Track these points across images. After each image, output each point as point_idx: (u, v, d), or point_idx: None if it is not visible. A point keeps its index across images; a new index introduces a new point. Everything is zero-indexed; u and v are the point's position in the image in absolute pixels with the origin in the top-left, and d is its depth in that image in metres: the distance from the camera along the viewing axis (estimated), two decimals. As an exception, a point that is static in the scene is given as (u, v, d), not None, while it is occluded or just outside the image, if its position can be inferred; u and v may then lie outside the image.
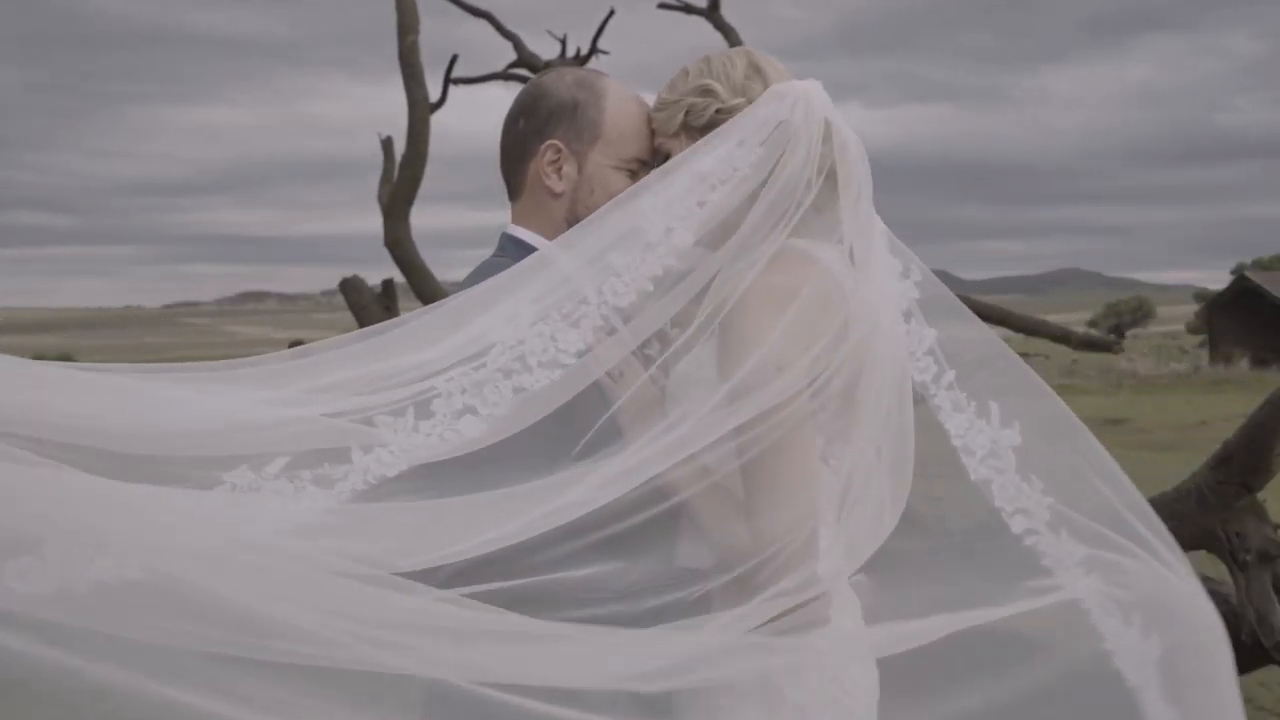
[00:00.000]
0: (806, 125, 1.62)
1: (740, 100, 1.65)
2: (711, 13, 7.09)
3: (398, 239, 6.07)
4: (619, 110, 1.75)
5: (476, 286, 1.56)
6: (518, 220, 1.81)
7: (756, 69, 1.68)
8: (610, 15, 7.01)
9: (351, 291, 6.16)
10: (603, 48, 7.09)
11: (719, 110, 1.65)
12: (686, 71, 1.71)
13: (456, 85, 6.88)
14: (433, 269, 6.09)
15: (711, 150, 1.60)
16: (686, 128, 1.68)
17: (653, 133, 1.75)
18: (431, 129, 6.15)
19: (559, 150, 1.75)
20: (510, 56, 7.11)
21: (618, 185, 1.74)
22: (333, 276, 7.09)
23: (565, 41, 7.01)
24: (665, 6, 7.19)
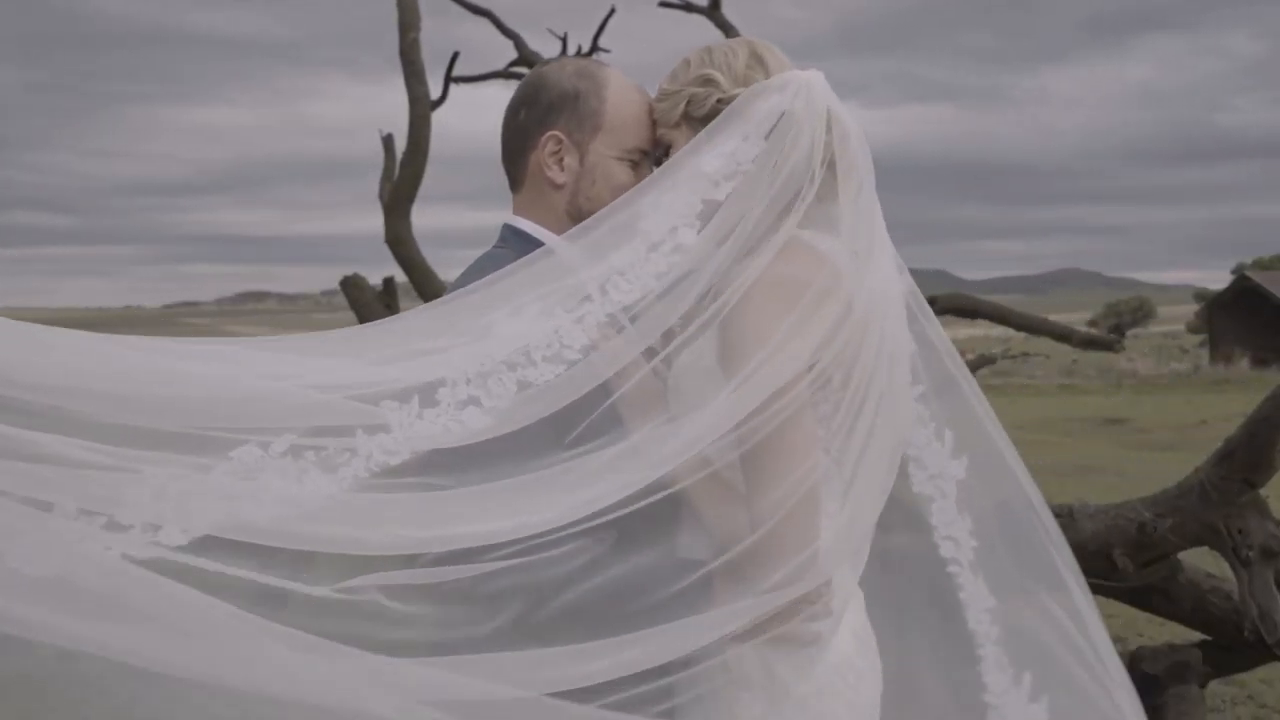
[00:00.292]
0: (809, 115, 1.61)
1: (741, 90, 1.63)
2: (712, 11, 7.09)
3: (399, 236, 6.06)
4: (620, 100, 1.75)
5: (481, 281, 1.55)
6: (519, 211, 1.80)
7: (758, 59, 1.67)
8: (611, 13, 7.01)
9: (353, 290, 6.16)
10: (604, 46, 7.09)
11: (720, 100, 1.64)
12: (688, 61, 1.70)
13: (457, 84, 6.88)
14: (433, 268, 6.09)
15: (715, 148, 1.60)
16: (688, 118, 1.68)
17: (654, 123, 1.74)
18: (432, 127, 6.15)
19: (560, 141, 1.75)
20: (511, 55, 7.11)
21: (619, 176, 1.74)
22: (332, 276, 7.08)
23: (566, 40, 7.01)
24: (666, 5, 7.19)
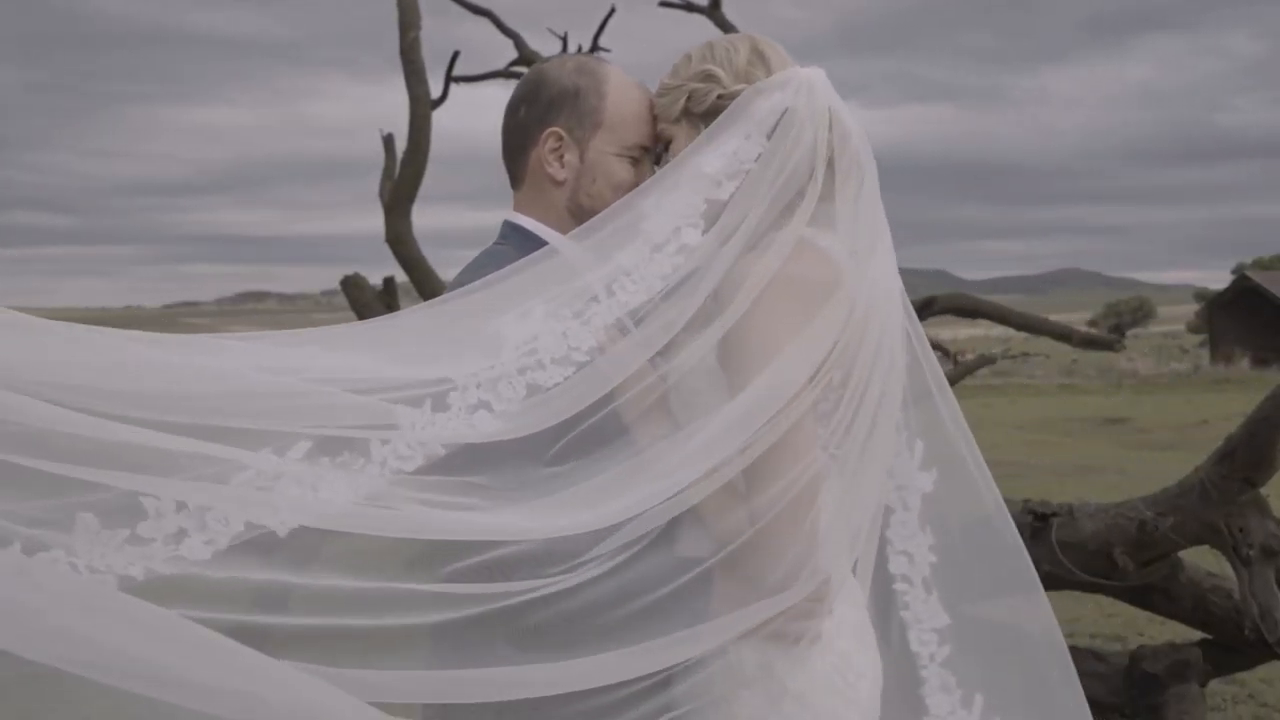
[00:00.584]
0: (810, 113, 1.61)
1: (742, 86, 1.63)
2: (713, 11, 7.08)
3: (399, 236, 6.06)
4: (620, 96, 1.75)
5: (486, 279, 1.54)
6: (520, 208, 1.80)
7: (759, 55, 1.67)
8: (611, 13, 7.00)
9: (353, 289, 6.16)
10: (604, 46, 7.08)
11: (721, 96, 1.64)
12: (689, 57, 1.70)
13: (458, 84, 6.88)
14: (433, 267, 6.09)
15: (717, 148, 1.59)
16: (688, 113, 1.67)
17: (655, 119, 1.74)
18: (432, 127, 6.14)
19: (560, 138, 1.74)
20: (511, 55, 7.11)
21: (620, 172, 1.74)
22: (332, 276, 7.08)
23: (566, 40, 7.01)
24: (667, 4, 7.19)
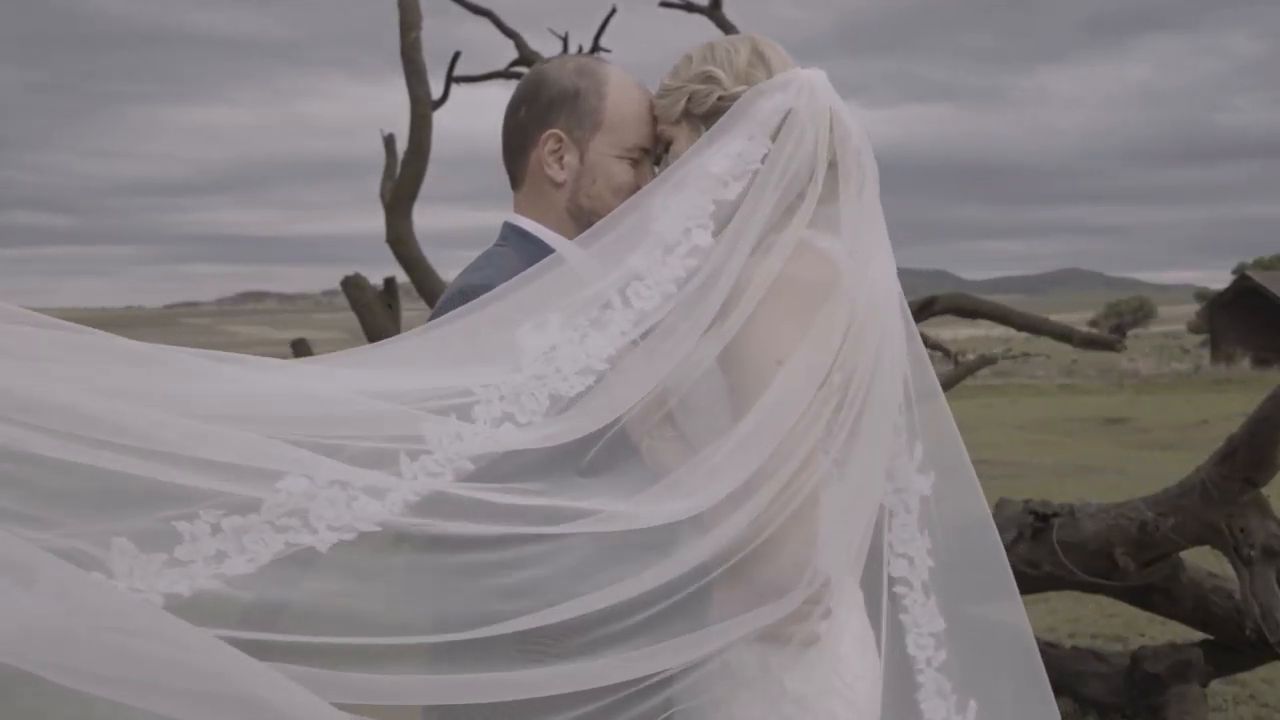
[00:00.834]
0: (812, 113, 1.60)
1: (743, 88, 1.63)
2: (713, 11, 7.08)
3: (400, 236, 6.06)
4: (620, 97, 1.74)
5: (496, 291, 1.52)
6: (520, 209, 1.80)
7: (760, 56, 1.66)
8: (612, 13, 7.00)
9: (354, 290, 6.16)
10: (604, 46, 7.08)
11: (721, 97, 1.63)
12: (690, 58, 1.69)
13: (458, 84, 6.88)
14: (433, 268, 6.09)
15: (721, 149, 1.59)
16: (689, 115, 1.67)
17: (655, 120, 1.73)
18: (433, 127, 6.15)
19: (560, 140, 1.74)
20: (511, 55, 7.11)
21: (619, 174, 1.73)
22: (332, 276, 7.08)
23: (567, 40, 7.01)
24: (667, 5, 7.18)
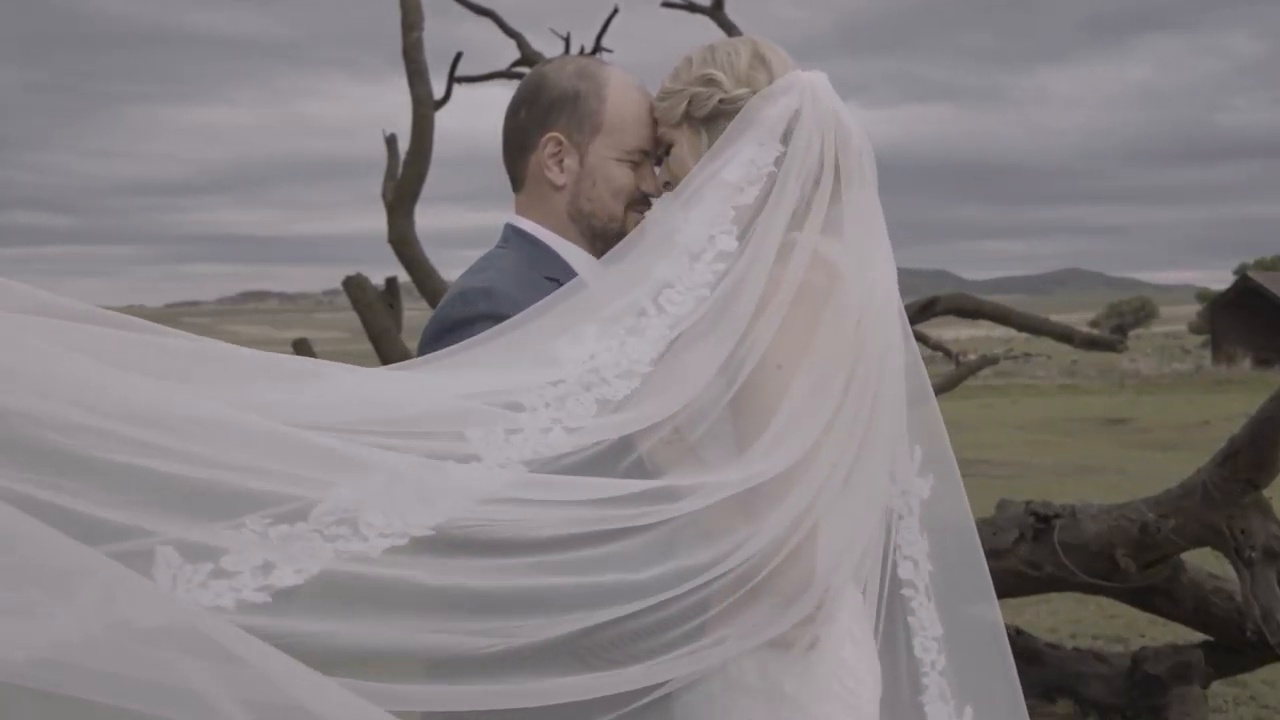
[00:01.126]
0: (816, 115, 1.61)
1: (744, 90, 1.63)
2: (715, 11, 7.08)
3: (403, 236, 6.06)
4: (620, 100, 1.74)
5: (527, 313, 1.51)
6: (521, 211, 1.80)
7: (761, 59, 1.66)
8: (614, 14, 7.00)
9: (355, 289, 6.16)
10: (606, 46, 7.08)
11: (722, 100, 1.64)
12: (690, 60, 1.69)
13: (460, 84, 6.88)
14: (435, 268, 6.10)
15: (733, 157, 1.59)
16: (689, 118, 1.67)
17: (655, 122, 1.73)
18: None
19: (560, 143, 1.74)
20: (513, 55, 7.11)
21: (620, 177, 1.74)
22: (333, 276, 7.08)
23: (569, 40, 7.00)
24: (669, 5, 7.18)
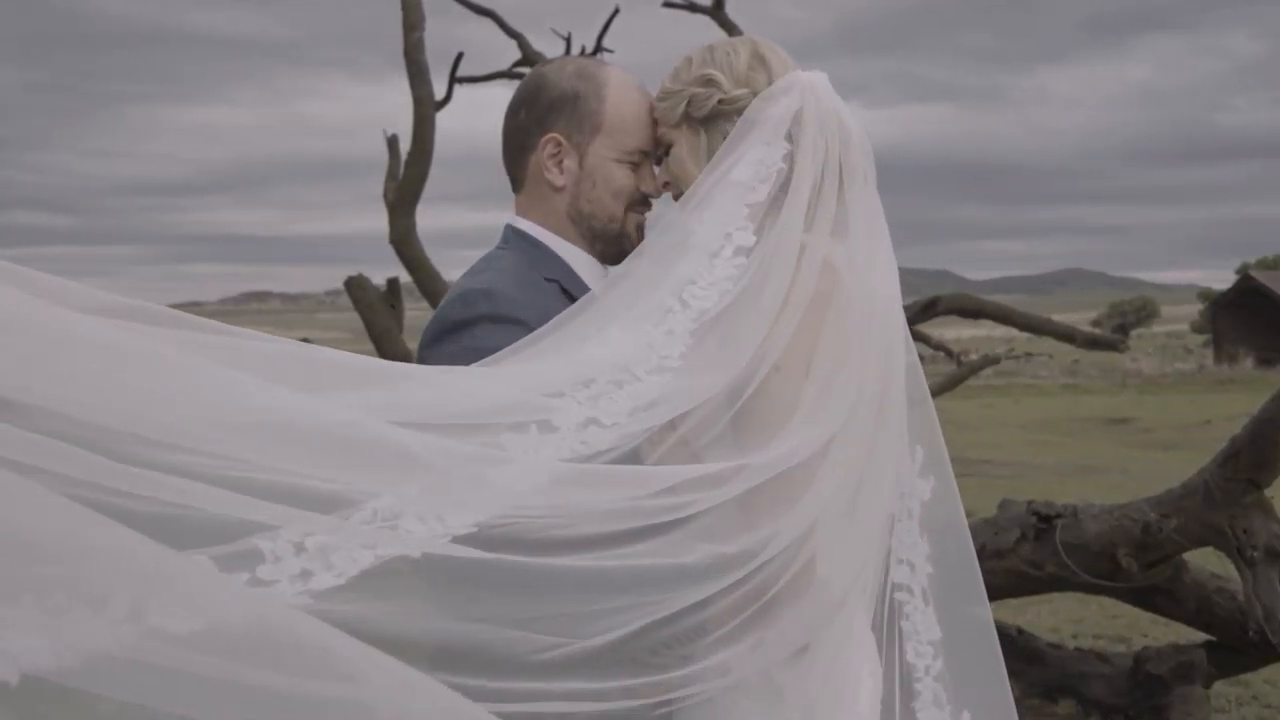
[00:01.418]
0: (818, 115, 1.61)
1: (743, 91, 1.63)
2: (716, 11, 7.09)
3: (404, 236, 6.07)
4: (620, 101, 1.73)
5: (549, 326, 1.50)
6: (521, 212, 1.79)
7: (760, 59, 1.66)
8: (615, 14, 7.00)
9: (356, 290, 6.17)
10: (607, 46, 7.08)
11: (721, 101, 1.63)
12: (689, 60, 1.69)
13: (461, 84, 6.88)
14: (436, 268, 6.10)
15: (741, 158, 1.59)
16: (688, 118, 1.66)
17: (655, 122, 1.73)
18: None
19: (559, 144, 1.73)
20: (514, 56, 7.11)
21: (619, 178, 1.73)
22: (334, 276, 7.10)
23: (570, 40, 7.01)
24: (670, 5, 7.19)
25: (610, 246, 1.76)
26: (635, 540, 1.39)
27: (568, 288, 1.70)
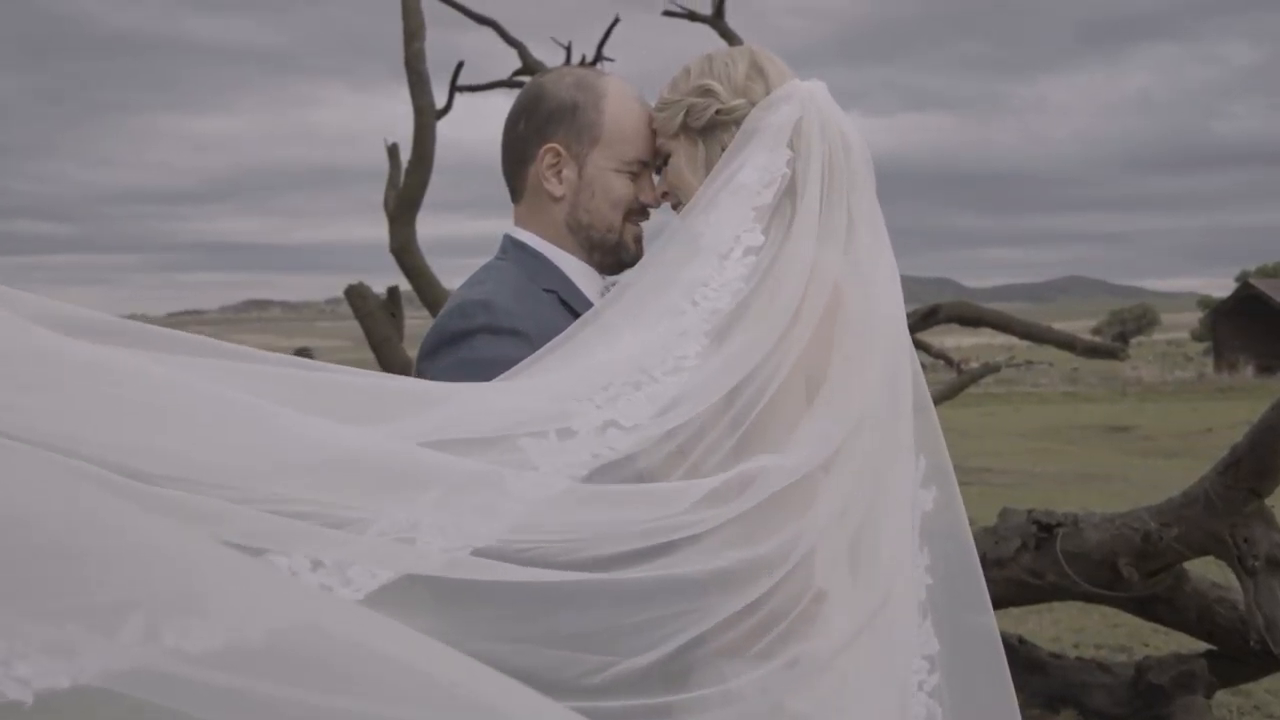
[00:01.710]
0: (818, 123, 1.61)
1: (741, 101, 1.63)
2: (716, 20, 7.10)
3: (404, 245, 6.07)
4: (619, 111, 1.74)
5: (557, 340, 1.50)
6: (520, 222, 1.80)
7: (758, 69, 1.66)
8: (615, 23, 7.02)
9: (357, 298, 6.17)
10: (608, 55, 7.10)
11: (719, 111, 1.64)
12: (688, 70, 1.69)
13: (461, 93, 6.90)
14: (436, 277, 6.10)
15: (744, 164, 1.59)
16: (686, 129, 1.67)
17: (654, 133, 1.73)
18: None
19: (558, 154, 1.73)
20: (514, 65, 7.13)
21: (618, 188, 1.73)
22: (334, 284, 7.11)
23: (570, 49, 7.03)
24: (670, 14, 7.21)
25: (608, 256, 1.76)
26: (663, 554, 1.38)
27: (566, 299, 1.70)
